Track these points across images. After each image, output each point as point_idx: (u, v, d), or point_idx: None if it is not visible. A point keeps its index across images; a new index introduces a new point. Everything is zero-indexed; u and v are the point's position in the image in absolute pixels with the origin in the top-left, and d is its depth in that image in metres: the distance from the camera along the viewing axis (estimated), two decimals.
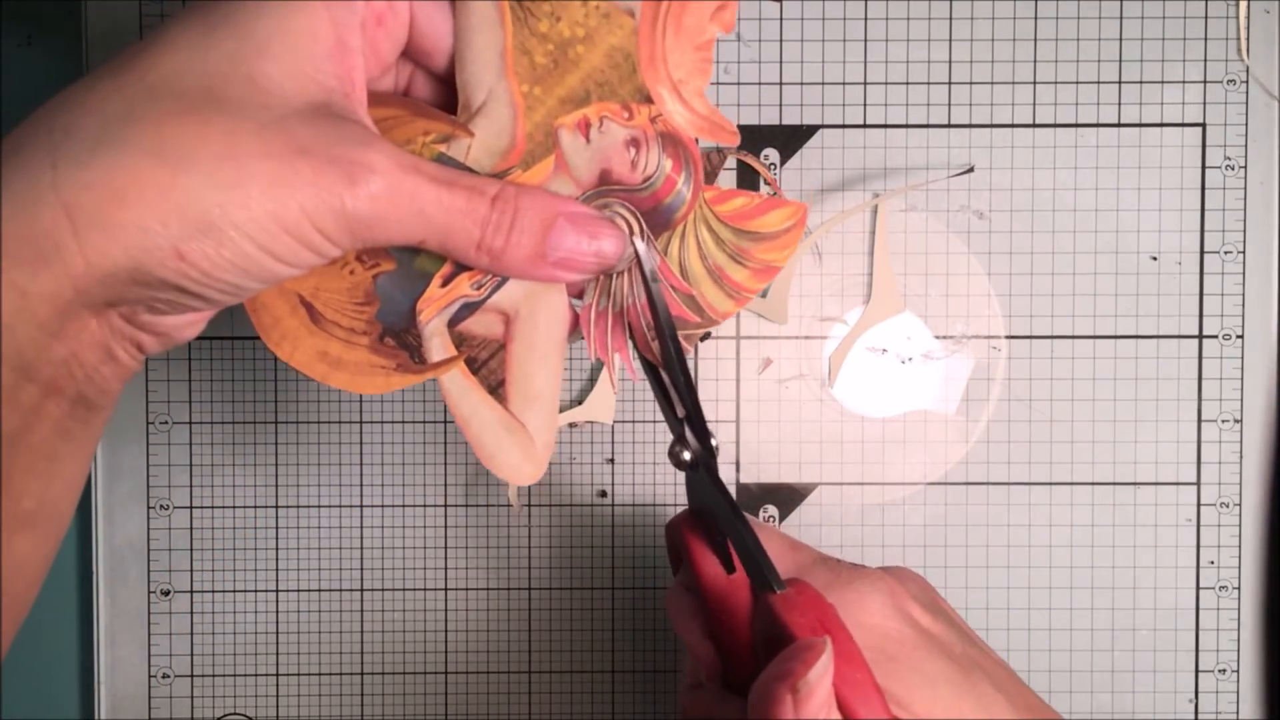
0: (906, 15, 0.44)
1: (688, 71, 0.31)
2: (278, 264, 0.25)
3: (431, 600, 0.45)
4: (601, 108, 0.30)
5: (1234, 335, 0.44)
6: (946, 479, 0.44)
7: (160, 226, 0.24)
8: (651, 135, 0.31)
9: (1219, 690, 0.44)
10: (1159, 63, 0.44)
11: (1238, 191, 0.44)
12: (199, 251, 0.24)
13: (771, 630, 0.29)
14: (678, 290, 0.32)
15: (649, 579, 0.45)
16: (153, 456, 0.44)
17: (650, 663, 0.45)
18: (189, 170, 0.24)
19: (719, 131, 0.31)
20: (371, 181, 0.25)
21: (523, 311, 0.31)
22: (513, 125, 0.30)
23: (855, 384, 0.44)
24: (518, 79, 0.30)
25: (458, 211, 0.27)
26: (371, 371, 0.31)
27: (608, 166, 0.31)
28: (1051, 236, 0.44)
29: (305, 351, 0.30)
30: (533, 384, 0.31)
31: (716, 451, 0.32)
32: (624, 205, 0.31)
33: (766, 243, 0.33)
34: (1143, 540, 0.44)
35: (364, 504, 0.44)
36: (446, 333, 0.31)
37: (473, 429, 0.31)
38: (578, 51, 0.30)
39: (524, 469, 0.31)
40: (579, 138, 0.30)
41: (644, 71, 0.30)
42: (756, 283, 0.33)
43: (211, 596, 0.44)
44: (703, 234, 0.32)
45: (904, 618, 0.30)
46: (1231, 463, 0.44)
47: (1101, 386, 0.44)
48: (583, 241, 0.29)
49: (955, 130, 0.44)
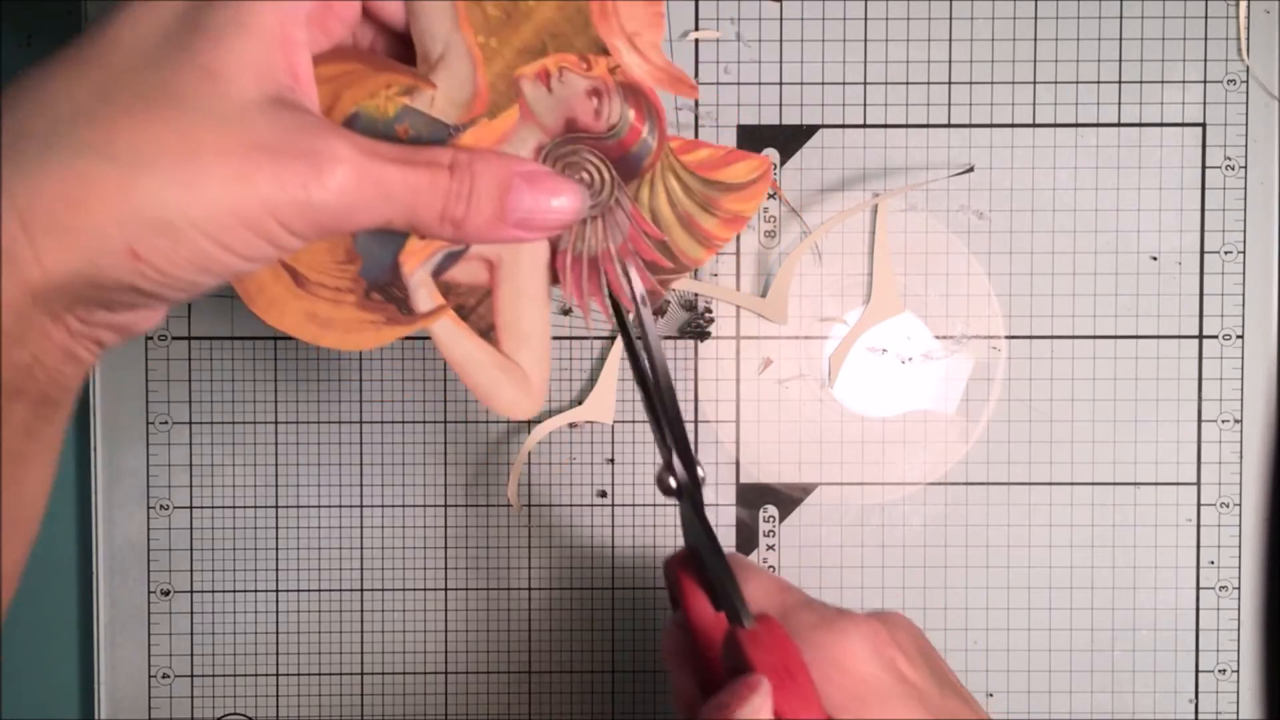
0: (906, 15, 0.44)
1: (640, 24, 0.31)
2: (236, 259, 0.25)
3: (431, 600, 0.45)
4: (559, 58, 0.30)
5: (1234, 335, 0.44)
6: (946, 479, 0.44)
7: (116, 230, 0.24)
8: (612, 86, 0.31)
9: (1219, 690, 0.44)
10: (1159, 63, 0.44)
11: (1238, 191, 0.44)
12: (157, 251, 0.24)
13: (736, 664, 0.29)
14: (650, 236, 0.33)
15: (649, 579, 0.45)
16: (153, 456, 0.44)
17: (650, 663, 0.45)
18: (145, 172, 0.24)
19: (678, 84, 0.31)
20: (337, 171, 0.25)
21: (505, 257, 0.32)
22: (473, 76, 0.30)
23: (855, 384, 0.44)
24: (472, 30, 0.30)
25: (421, 188, 0.27)
26: (361, 327, 0.31)
27: (572, 115, 0.31)
28: (1051, 236, 0.44)
29: (293, 314, 0.30)
30: (522, 325, 0.32)
31: (703, 481, 0.32)
32: (593, 152, 0.31)
33: (734, 193, 0.33)
34: (1143, 540, 0.44)
35: (364, 504, 0.44)
36: (432, 282, 0.31)
37: (468, 372, 0.32)
38: (529, 4, 0.30)
39: (521, 404, 0.32)
40: (540, 87, 0.30)
41: (597, 24, 0.30)
42: (726, 231, 0.33)
43: (211, 596, 0.44)
44: (671, 182, 0.33)
45: (884, 663, 0.30)
46: (1231, 463, 0.44)
47: (1101, 386, 0.44)
48: (540, 199, 0.29)
49: (955, 130, 0.44)
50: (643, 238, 0.33)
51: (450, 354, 0.32)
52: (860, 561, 0.45)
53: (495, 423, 0.44)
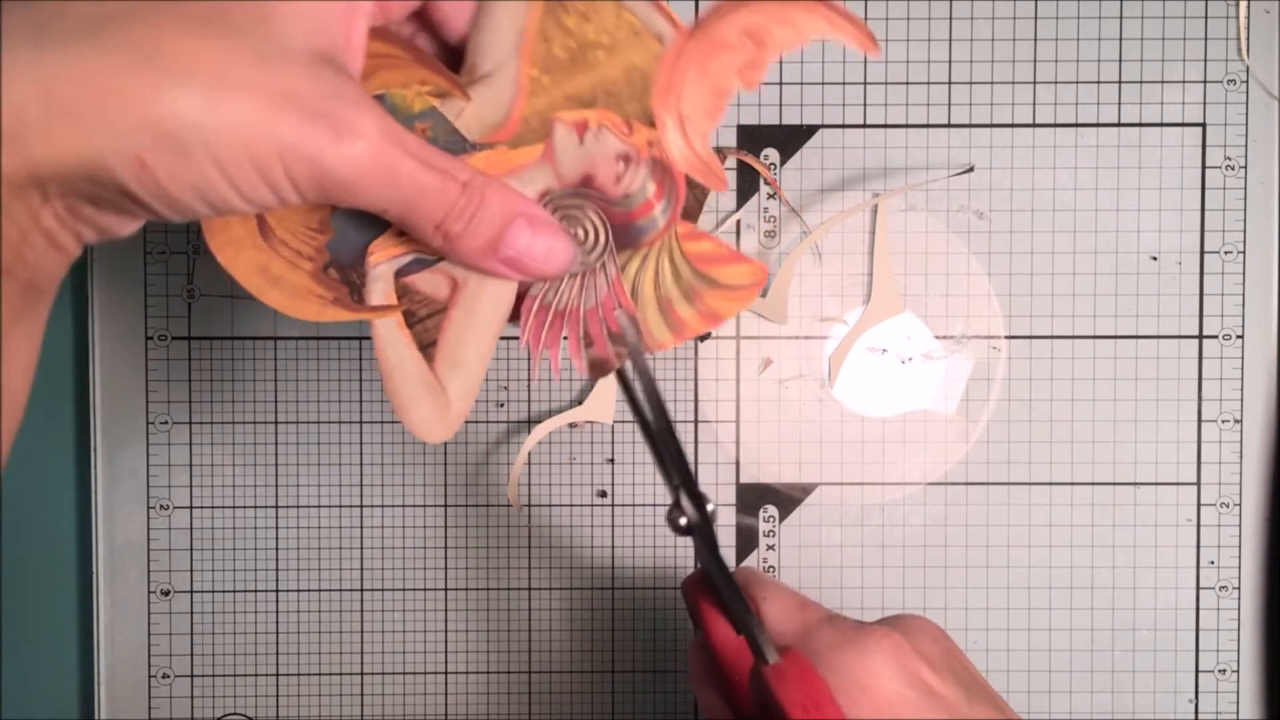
0: (906, 15, 0.44)
1: (698, 110, 0.31)
2: (235, 196, 0.25)
3: (431, 600, 0.45)
4: (603, 115, 0.30)
5: (1234, 335, 0.44)
6: (946, 479, 0.44)
7: (132, 134, 0.23)
8: (644, 156, 0.30)
9: (1219, 690, 0.44)
10: (1159, 63, 0.44)
11: (1238, 191, 0.44)
12: (163, 165, 0.24)
13: (764, 700, 0.29)
14: (622, 308, 0.32)
15: (649, 579, 0.45)
16: (153, 456, 0.44)
17: (650, 663, 0.45)
18: (176, 84, 0.24)
19: (710, 175, 0.31)
20: (356, 144, 0.25)
21: (471, 282, 0.31)
22: (511, 103, 0.30)
23: (855, 384, 0.44)
24: (529, 61, 0.30)
25: (429, 191, 0.27)
26: (308, 297, 0.30)
27: (592, 172, 0.31)
28: (1051, 236, 0.44)
29: (246, 263, 0.30)
30: (463, 351, 0.31)
31: (714, 517, 0.32)
32: (596, 211, 0.31)
33: (721, 291, 0.33)
34: (1143, 540, 0.44)
35: (364, 504, 0.44)
36: (392, 280, 0.31)
37: (394, 380, 0.31)
38: (597, 56, 0.30)
39: (434, 428, 0.31)
40: (573, 136, 0.30)
41: (655, 96, 0.30)
42: (699, 324, 0.33)
43: (211, 596, 0.44)
44: (664, 263, 0.32)
45: (909, 679, 0.29)
46: (1231, 463, 0.44)
47: (1101, 386, 0.44)
48: (535, 244, 0.29)
49: (955, 130, 0.44)
50: (615, 308, 0.32)
51: (383, 354, 0.31)
52: (860, 561, 0.45)
53: (495, 423, 0.44)
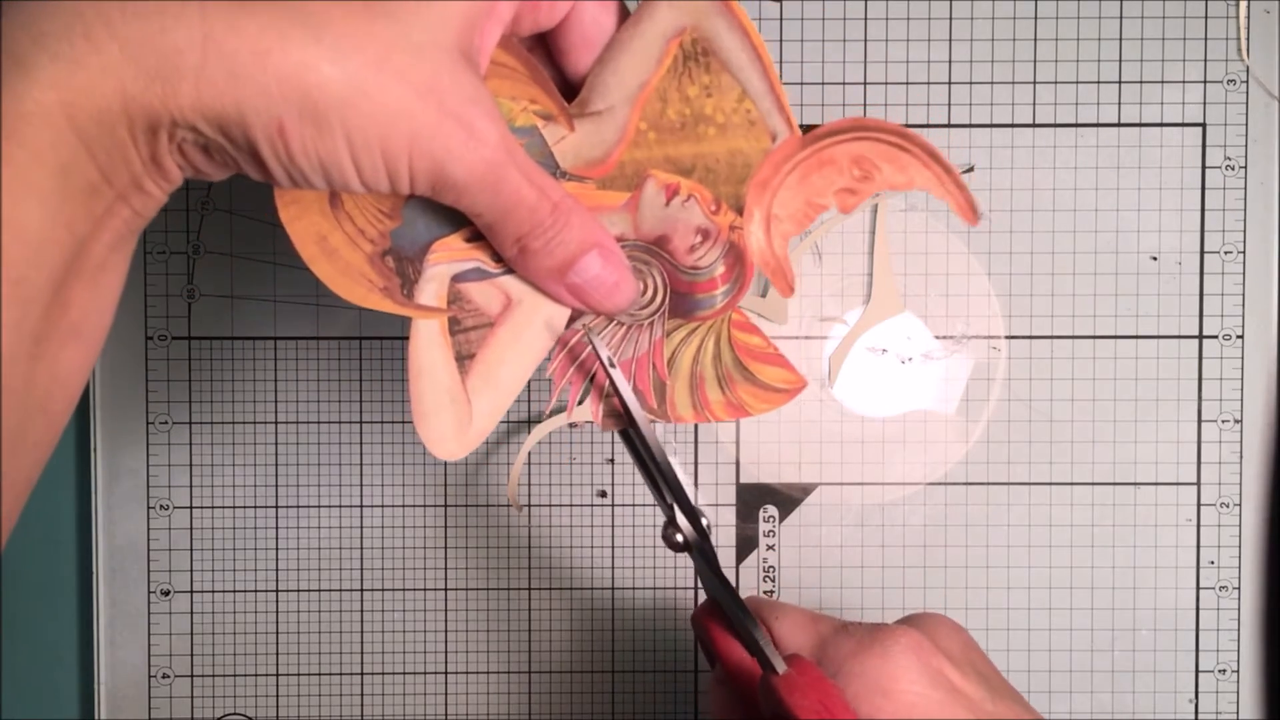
0: (906, 15, 0.44)
1: (788, 214, 0.31)
2: (354, 177, 0.26)
3: (431, 600, 0.45)
4: (695, 187, 0.31)
5: (1234, 335, 0.44)
6: (946, 479, 0.44)
7: (280, 99, 0.24)
8: (723, 238, 0.31)
9: (1219, 690, 0.44)
10: (1159, 63, 0.44)
11: (1238, 191, 0.44)
12: (298, 135, 0.24)
13: (776, 711, 0.28)
14: (656, 371, 0.32)
15: (649, 579, 0.45)
16: (153, 456, 0.44)
17: (650, 663, 0.45)
18: (333, 60, 0.24)
19: (778, 278, 0.32)
20: (478, 151, 0.26)
21: (526, 303, 0.31)
22: (612, 146, 0.31)
23: (855, 384, 0.44)
24: (641, 114, 0.30)
25: (524, 204, 0.28)
26: (358, 279, 0.30)
27: (670, 235, 0.31)
28: (1051, 236, 0.44)
29: (306, 227, 0.29)
30: (500, 370, 0.31)
31: (709, 531, 0.32)
32: (662, 273, 0.31)
33: (756, 388, 0.33)
34: (1143, 540, 0.44)
35: (364, 504, 0.44)
36: (446, 282, 0.31)
37: (420, 383, 0.31)
38: (707, 131, 0.31)
39: (448, 444, 0.31)
40: (661, 196, 0.31)
41: (752, 188, 0.31)
42: (723, 413, 0.33)
43: (211, 596, 0.44)
44: (709, 343, 0.33)
45: (931, 678, 0.29)
46: (1231, 463, 0.44)
47: (1101, 386, 0.44)
48: (605, 275, 0.30)
49: (955, 130, 0.44)
50: (648, 370, 0.32)
51: (417, 356, 0.30)
52: (860, 561, 0.45)
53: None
